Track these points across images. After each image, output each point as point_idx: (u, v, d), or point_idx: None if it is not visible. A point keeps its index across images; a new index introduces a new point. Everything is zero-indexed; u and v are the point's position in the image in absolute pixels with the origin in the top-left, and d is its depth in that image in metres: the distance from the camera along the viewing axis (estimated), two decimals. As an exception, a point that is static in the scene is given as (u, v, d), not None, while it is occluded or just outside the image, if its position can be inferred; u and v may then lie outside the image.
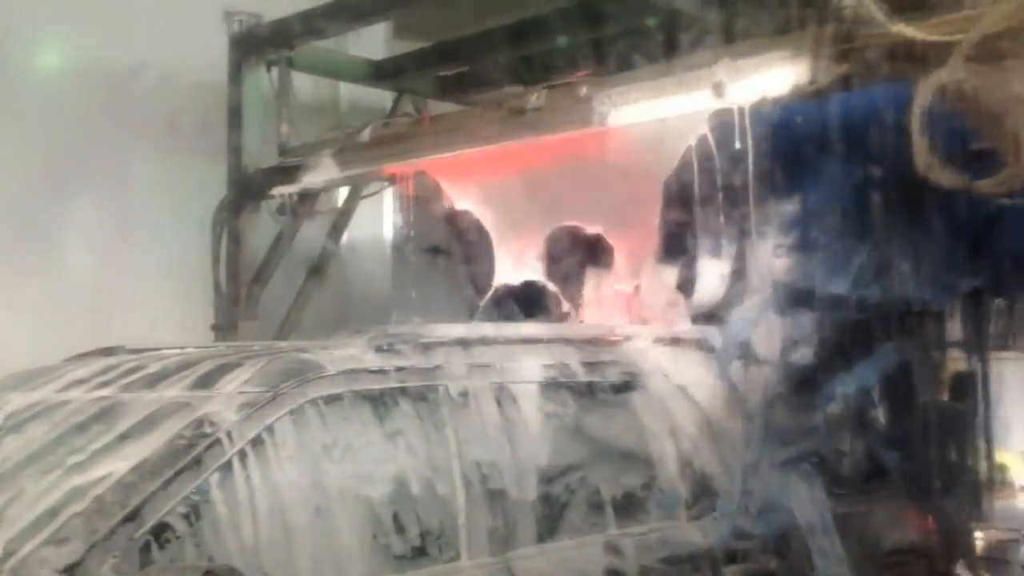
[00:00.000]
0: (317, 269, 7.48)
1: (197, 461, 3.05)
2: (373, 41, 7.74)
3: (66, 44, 6.97)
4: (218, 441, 3.11)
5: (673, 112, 4.92)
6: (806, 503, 4.50)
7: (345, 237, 7.65)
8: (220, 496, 3.06)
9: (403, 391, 3.62)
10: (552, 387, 4.05)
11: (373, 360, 3.62)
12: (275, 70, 7.03)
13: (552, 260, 5.58)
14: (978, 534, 5.19)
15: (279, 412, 3.28)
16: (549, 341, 4.27)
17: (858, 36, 4.31)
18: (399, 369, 3.65)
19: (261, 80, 7.06)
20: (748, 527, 4.30)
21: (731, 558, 4.19)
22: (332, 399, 3.42)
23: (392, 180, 6.46)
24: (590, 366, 4.24)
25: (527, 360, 4.06)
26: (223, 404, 3.25)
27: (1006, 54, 4.03)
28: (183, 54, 7.26)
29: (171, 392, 3.42)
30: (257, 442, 3.19)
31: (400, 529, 3.39)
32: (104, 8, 6.99)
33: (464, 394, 3.76)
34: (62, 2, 6.91)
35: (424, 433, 3.59)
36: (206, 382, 3.42)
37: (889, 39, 4.22)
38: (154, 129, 7.35)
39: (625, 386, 4.32)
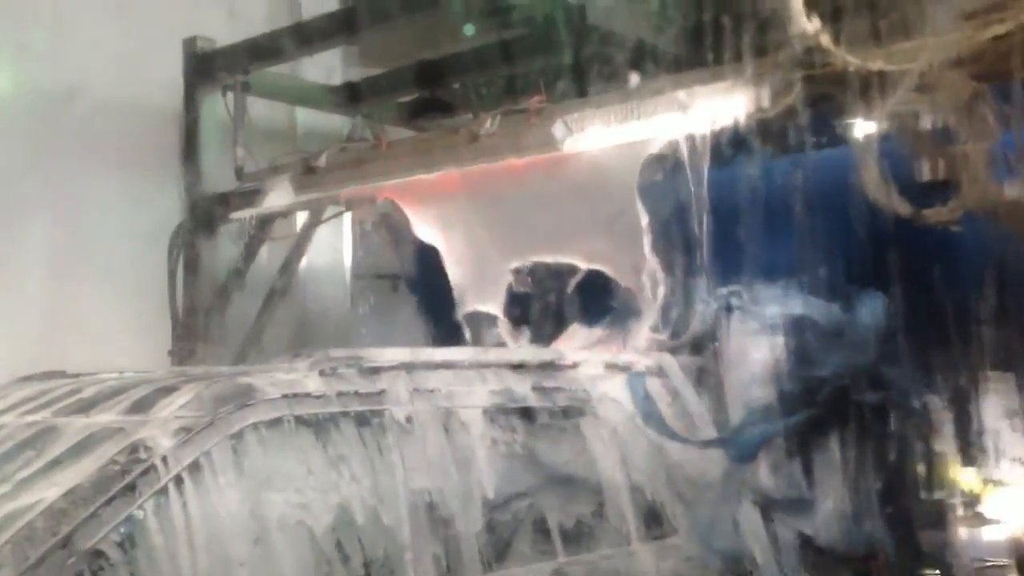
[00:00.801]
0: (275, 294, 7.43)
1: (131, 487, 2.97)
2: (329, 66, 7.73)
3: (21, 66, 6.91)
4: (153, 467, 3.03)
5: (627, 138, 4.96)
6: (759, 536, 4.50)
7: (303, 262, 7.60)
8: (155, 523, 2.98)
9: (346, 416, 3.53)
10: (499, 413, 3.99)
11: (315, 384, 3.53)
12: (231, 95, 7.00)
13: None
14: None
15: (217, 437, 3.19)
16: (496, 366, 4.20)
17: (809, 65, 4.36)
18: (341, 394, 3.56)
19: (217, 104, 7.04)
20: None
21: None
22: (272, 424, 3.33)
23: (349, 206, 6.45)
24: (538, 391, 4.19)
25: (474, 385, 3.99)
26: (159, 429, 3.15)
27: (953, 84, 4.10)
28: (139, 78, 7.23)
29: (105, 417, 3.33)
30: (194, 468, 3.11)
31: (344, 559, 3.31)
32: (61, 31, 6.95)
33: (409, 419, 3.68)
34: (18, 24, 6.85)
35: (368, 459, 3.51)
36: (142, 406, 3.33)
37: (839, 68, 4.27)
38: (110, 152, 7.26)
39: (574, 412, 4.27)
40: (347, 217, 7.26)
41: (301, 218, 7.31)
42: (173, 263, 7.15)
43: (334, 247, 7.95)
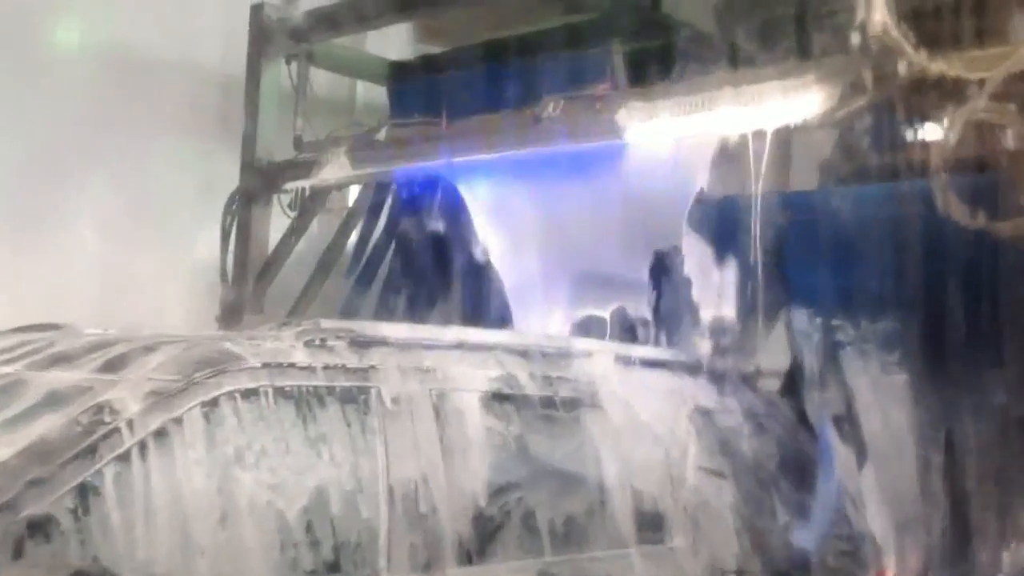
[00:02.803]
0: (324, 266, 7.43)
1: (91, 450, 2.78)
2: (394, 41, 7.70)
3: (90, 27, 6.96)
4: (117, 430, 2.84)
5: (692, 132, 4.89)
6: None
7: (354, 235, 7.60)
8: (114, 491, 2.78)
9: (330, 391, 3.31)
10: (496, 399, 3.73)
11: (300, 355, 3.32)
12: (294, 64, 7.00)
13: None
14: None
15: (189, 403, 2.99)
16: (499, 350, 3.94)
17: (884, 67, 4.27)
18: (328, 367, 3.35)
19: (280, 73, 7.03)
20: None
21: None
22: (250, 394, 3.12)
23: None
24: (540, 379, 3.92)
25: (472, 368, 3.74)
26: (128, 391, 2.96)
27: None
28: (206, 43, 7.27)
29: (75, 374, 3.15)
30: (161, 434, 2.91)
31: (313, 542, 3.10)
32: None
33: (397, 400, 3.45)
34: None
35: (349, 439, 3.29)
36: (114, 366, 3.15)
37: (916, 72, 4.19)
38: (170, 115, 7.34)
39: (576, 404, 3.98)
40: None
41: (354, 191, 7.32)
42: (226, 229, 7.16)
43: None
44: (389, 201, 6.72)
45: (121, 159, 7.13)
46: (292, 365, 3.27)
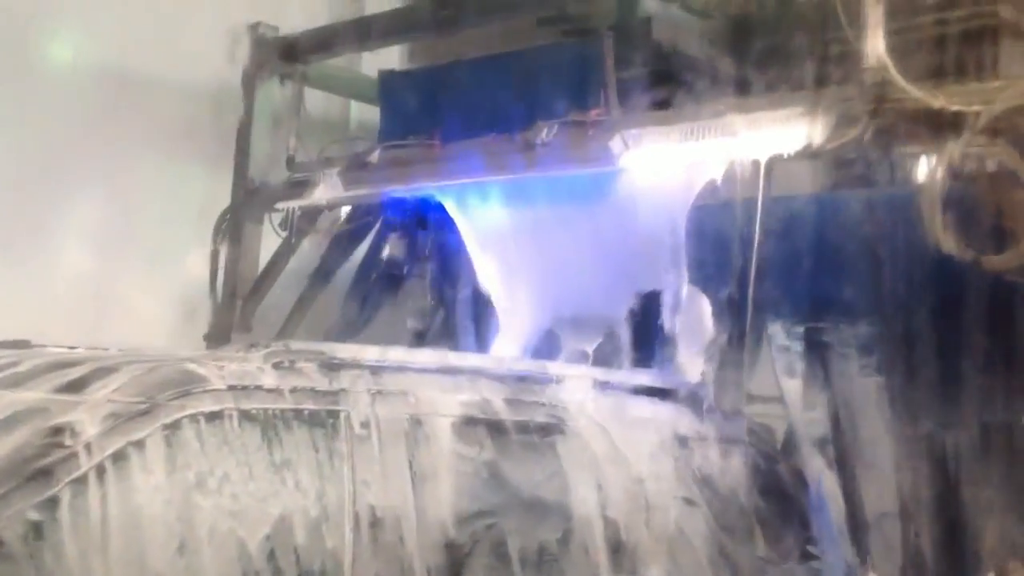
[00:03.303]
0: (315, 286, 7.41)
1: (45, 473, 2.69)
2: (388, 62, 7.70)
3: (81, 45, 6.95)
4: (74, 453, 2.75)
5: (686, 159, 4.89)
6: None
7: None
8: (69, 516, 2.69)
9: (298, 415, 3.22)
10: (470, 424, 3.65)
11: (267, 377, 3.24)
12: (288, 83, 7.00)
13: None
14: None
15: (150, 426, 2.90)
16: (474, 374, 3.86)
17: (878, 99, 4.28)
18: (296, 390, 3.26)
19: (274, 92, 7.03)
20: None
21: None
22: (214, 417, 3.03)
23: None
24: (516, 405, 3.83)
25: (445, 392, 3.67)
26: (87, 412, 2.87)
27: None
28: (198, 62, 7.25)
29: (34, 395, 3.05)
30: (120, 458, 2.82)
31: (275, 572, 3.01)
32: (121, 12, 6.97)
33: (367, 424, 3.37)
34: (79, 4, 6.88)
35: (316, 464, 3.20)
36: (76, 386, 3.05)
37: (909, 104, 4.20)
38: (162, 133, 7.31)
39: (551, 429, 3.90)
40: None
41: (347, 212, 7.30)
42: (217, 247, 7.14)
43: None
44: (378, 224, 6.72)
45: (112, 177, 7.11)
46: (259, 387, 3.19)
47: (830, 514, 4.71)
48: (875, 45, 4.21)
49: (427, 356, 3.90)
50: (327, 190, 6.49)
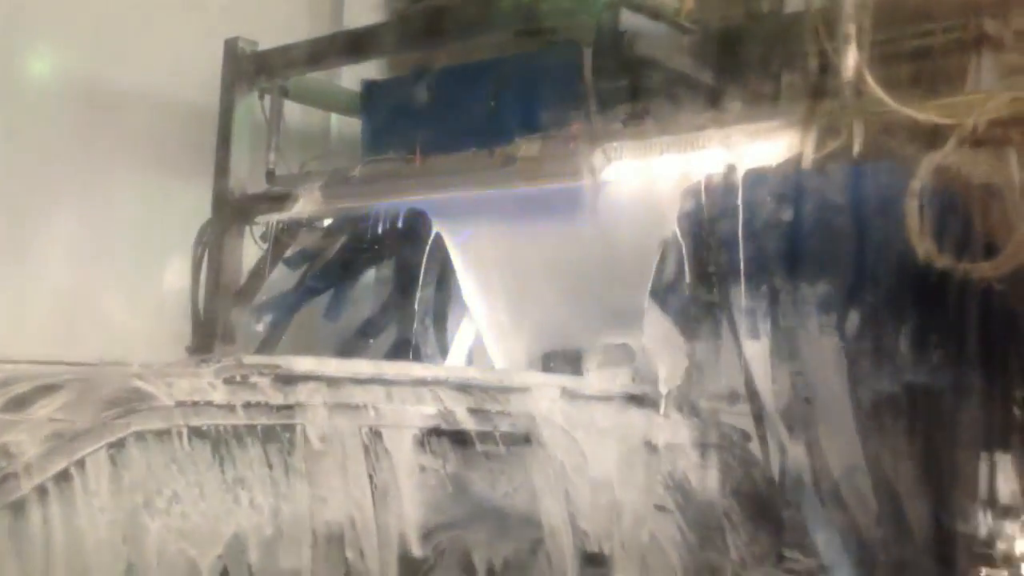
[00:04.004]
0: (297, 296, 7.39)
1: None
2: (368, 74, 7.69)
3: (59, 59, 6.91)
4: (13, 475, 2.64)
5: (667, 171, 4.90)
6: None
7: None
8: (8, 541, 2.59)
9: (251, 431, 3.12)
10: (432, 435, 3.57)
11: (218, 393, 3.14)
12: (268, 97, 6.98)
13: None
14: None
15: (93, 445, 2.78)
16: (437, 384, 3.78)
17: (859, 112, 4.30)
18: (249, 405, 3.16)
19: (253, 106, 7.01)
20: None
21: None
22: (161, 434, 2.92)
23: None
24: (480, 415, 3.77)
25: (407, 404, 3.59)
26: (26, 432, 2.76)
27: (1006, 140, 4.04)
28: (177, 76, 7.23)
29: None
30: (62, 479, 2.70)
31: None
32: (100, 27, 6.95)
33: (325, 438, 3.28)
34: (57, 18, 6.84)
35: (271, 482, 3.10)
36: (18, 404, 2.93)
37: (889, 117, 4.22)
38: (142, 148, 7.30)
39: (517, 439, 3.84)
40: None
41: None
42: (197, 261, 7.11)
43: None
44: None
45: (91, 191, 7.08)
46: (209, 403, 3.10)
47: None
48: (854, 57, 4.23)
49: (388, 367, 3.81)
50: (307, 203, 6.47)
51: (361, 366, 3.72)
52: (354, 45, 6.55)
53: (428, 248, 5.92)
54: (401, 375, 3.73)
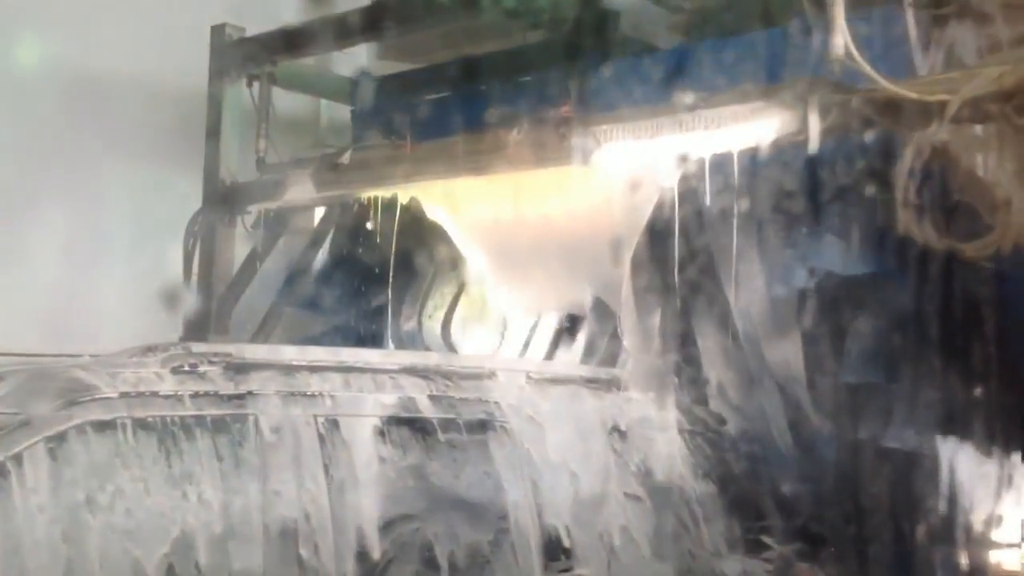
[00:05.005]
0: (289, 287, 7.36)
1: None
2: (357, 60, 7.66)
3: (46, 49, 6.87)
4: None
5: (658, 154, 4.87)
6: None
7: (319, 256, 7.54)
8: None
9: (199, 422, 3.02)
10: (392, 424, 3.47)
11: (166, 383, 3.05)
12: (256, 84, 6.94)
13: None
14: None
15: (31, 439, 2.70)
16: (397, 371, 3.68)
17: (847, 91, 4.27)
18: (197, 395, 3.07)
19: (242, 94, 6.97)
20: None
21: None
22: (104, 427, 2.83)
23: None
24: (442, 402, 3.67)
25: (365, 392, 3.49)
26: None
27: (993, 116, 4.01)
28: (165, 65, 7.19)
29: None
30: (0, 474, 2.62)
31: None
32: (87, 16, 6.91)
33: (278, 429, 3.18)
34: (43, 7, 6.81)
35: (221, 475, 3.01)
36: None
37: (878, 95, 4.19)
38: (132, 137, 7.26)
39: (481, 426, 3.74)
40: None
41: (319, 211, 7.27)
42: (189, 250, 7.09)
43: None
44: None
45: (81, 181, 7.05)
46: (155, 394, 3.00)
47: None
48: (841, 35, 4.19)
49: (346, 354, 3.70)
50: (298, 191, 6.45)
51: (317, 353, 3.60)
52: (342, 30, 6.51)
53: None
54: (359, 362, 3.63)
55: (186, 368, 3.15)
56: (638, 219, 4.89)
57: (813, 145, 4.39)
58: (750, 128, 4.54)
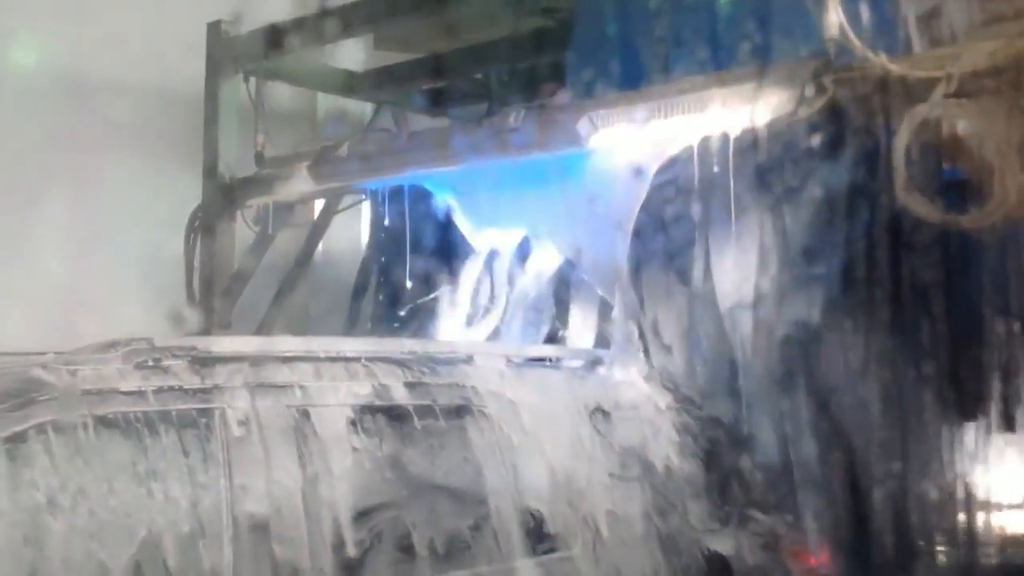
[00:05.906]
0: (290, 281, 7.39)
1: None
2: (353, 53, 7.67)
3: (44, 47, 6.90)
4: None
5: (655, 138, 4.89)
6: None
7: (320, 250, 7.57)
8: None
9: (164, 417, 2.93)
10: (366, 413, 3.39)
11: (128, 379, 2.95)
12: (253, 79, 6.96)
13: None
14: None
15: None
16: (369, 359, 3.59)
17: (842, 68, 4.30)
18: (161, 390, 2.97)
19: (239, 89, 6.99)
20: None
21: None
22: (65, 426, 2.73)
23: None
24: (417, 389, 3.59)
25: (337, 381, 3.41)
26: None
27: (988, 91, 4.04)
28: (162, 60, 7.21)
29: None
30: None
31: None
32: (83, 12, 6.93)
33: (246, 422, 3.08)
34: (41, 6, 6.83)
35: (187, 472, 2.91)
36: None
37: (872, 72, 4.22)
38: (130, 134, 7.29)
39: (458, 412, 3.66)
40: (365, 205, 7.19)
41: (319, 205, 7.30)
42: (189, 247, 7.11)
43: (352, 233, 7.91)
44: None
45: (81, 179, 7.09)
46: (116, 390, 2.91)
47: None
48: (835, 14, 4.22)
49: (316, 343, 3.60)
50: (297, 184, 6.47)
51: (287, 343, 3.53)
52: (337, 23, 6.53)
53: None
54: (330, 351, 3.54)
55: (149, 363, 3.06)
56: (633, 202, 4.92)
57: (804, 124, 4.44)
58: (746, 109, 4.57)
